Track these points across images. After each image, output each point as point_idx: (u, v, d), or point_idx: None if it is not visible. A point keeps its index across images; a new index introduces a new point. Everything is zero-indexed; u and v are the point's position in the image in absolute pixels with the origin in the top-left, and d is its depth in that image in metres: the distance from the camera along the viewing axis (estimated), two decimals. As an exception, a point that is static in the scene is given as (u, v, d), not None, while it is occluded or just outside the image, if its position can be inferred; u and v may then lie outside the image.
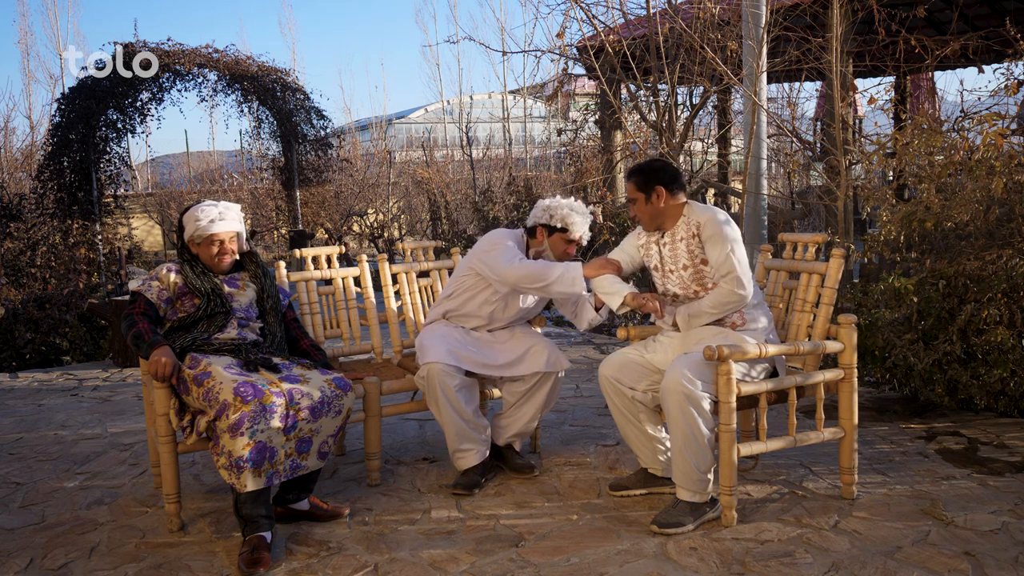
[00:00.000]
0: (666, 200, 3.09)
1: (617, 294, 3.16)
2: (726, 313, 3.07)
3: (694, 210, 3.10)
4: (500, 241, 3.46)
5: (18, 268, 7.45)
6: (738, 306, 3.05)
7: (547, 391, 3.55)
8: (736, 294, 3.01)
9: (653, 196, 3.09)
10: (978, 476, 3.33)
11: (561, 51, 7.75)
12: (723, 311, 3.06)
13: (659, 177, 3.09)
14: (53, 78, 19.04)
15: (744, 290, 3.01)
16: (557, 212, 3.46)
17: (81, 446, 4.17)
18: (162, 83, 9.61)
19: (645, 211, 3.13)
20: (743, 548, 2.76)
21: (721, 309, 3.05)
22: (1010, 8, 8.37)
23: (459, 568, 2.68)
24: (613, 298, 3.17)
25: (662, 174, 3.10)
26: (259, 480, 2.75)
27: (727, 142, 9.68)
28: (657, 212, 3.12)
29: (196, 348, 3.03)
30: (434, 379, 3.31)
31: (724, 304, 3.04)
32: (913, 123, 4.75)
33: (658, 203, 3.10)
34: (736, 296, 3.01)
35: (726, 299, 3.02)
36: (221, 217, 3.14)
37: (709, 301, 3.05)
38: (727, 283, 3.01)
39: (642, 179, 3.11)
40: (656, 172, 3.10)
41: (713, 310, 3.06)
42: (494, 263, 3.38)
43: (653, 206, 3.11)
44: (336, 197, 12.48)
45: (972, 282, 3.95)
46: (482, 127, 17.52)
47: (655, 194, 3.09)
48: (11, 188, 10.93)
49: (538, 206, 3.53)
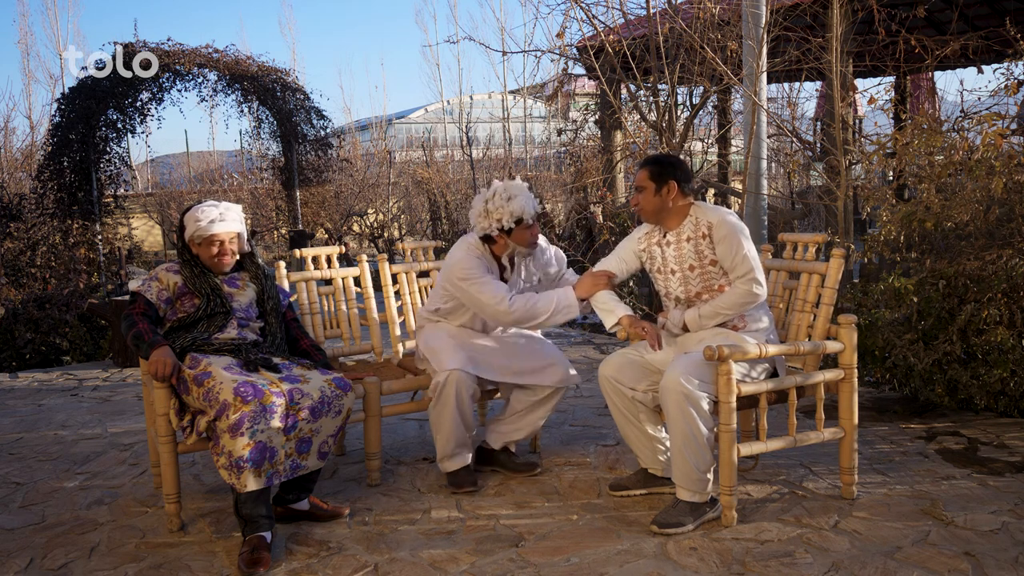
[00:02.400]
0: (675, 197, 3.09)
1: (613, 314, 3.19)
2: (741, 313, 3.07)
3: (703, 210, 3.09)
4: (470, 268, 3.32)
5: (18, 268, 7.45)
6: (752, 306, 3.06)
7: (556, 402, 3.56)
8: (753, 294, 3.01)
9: (664, 189, 3.08)
10: (978, 476, 3.33)
11: (561, 51, 7.75)
12: (739, 311, 3.06)
13: (674, 172, 3.08)
14: (53, 78, 19.06)
15: (762, 289, 3.01)
16: (500, 211, 3.29)
17: (81, 446, 4.17)
18: (162, 83, 9.61)
19: (651, 202, 3.10)
20: (743, 548, 2.76)
21: (737, 309, 3.05)
22: (1010, 8, 8.37)
23: (459, 568, 2.69)
24: (609, 316, 3.20)
25: (678, 170, 3.10)
26: (259, 480, 2.75)
27: (727, 142, 9.68)
28: (662, 206, 3.10)
29: (196, 348, 3.03)
30: (452, 387, 3.27)
31: (741, 304, 3.03)
32: (913, 123, 4.75)
33: (667, 198, 3.08)
34: (753, 296, 3.01)
35: (743, 299, 3.02)
36: (222, 218, 3.14)
37: (725, 301, 3.04)
38: (744, 283, 3.00)
39: (657, 169, 3.09)
40: (673, 167, 3.10)
41: (729, 310, 3.05)
42: (481, 303, 3.31)
43: (661, 199, 3.09)
44: (336, 197, 12.47)
45: (972, 282, 3.95)
46: (482, 127, 17.51)
47: (666, 188, 3.07)
48: (11, 188, 10.93)
49: (476, 212, 3.34)
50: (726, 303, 3.04)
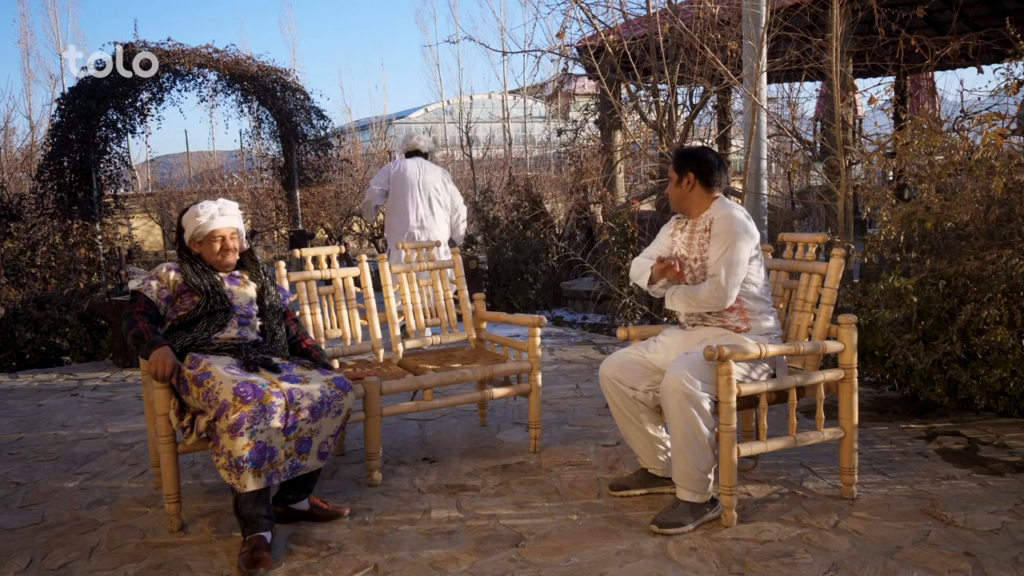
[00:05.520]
0: (695, 188, 3.14)
1: (644, 274, 3.22)
2: (698, 311, 3.11)
3: (716, 206, 3.12)
4: None
5: (18, 268, 7.44)
6: (711, 309, 3.08)
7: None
8: (713, 297, 3.03)
9: (684, 181, 3.15)
10: (978, 476, 3.33)
11: (561, 51, 7.75)
12: (700, 308, 3.10)
13: (694, 165, 3.14)
14: (53, 78, 19.01)
15: (722, 297, 3.02)
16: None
17: (81, 446, 4.17)
18: (162, 83, 9.59)
19: (674, 192, 3.20)
20: (743, 548, 2.75)
21: (700, 306, 3.09)
22: (1010, 8, 8.36)
23: (459, 568, 2.68)
24: (642, 279, 3.24)
25: (699, 163, 3.14)
26: (259, 480, 2.75)
27: (727, 142, 9.67)
28: (683, 196, 3.18)
29: (196, 348, 3.03)
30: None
31: (703, 302, 3.07)
32: (913, 123, 4.75)
33: (685, 188, 3.15)
34: (712, 300, 3.04)
35: (705, 299, 3.05)
36: (221, 213, 3.14)
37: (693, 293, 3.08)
38: (711, 283, 3.03)
39: (680, 161, 3.18)
40: (694, 159, 3.15)
41: (693, 302, 3.09)
42: None
43: (681, 190, 3.17)
44: (336, 197, 12.46)
45: (972, 282, 3.95)
46: (482, 127, 17.49)
47: (685, 179, 3.15)
48: (11, 188, 10.93)
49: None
50: (693, 295, 3.08)
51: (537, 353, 3.78)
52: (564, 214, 10.83)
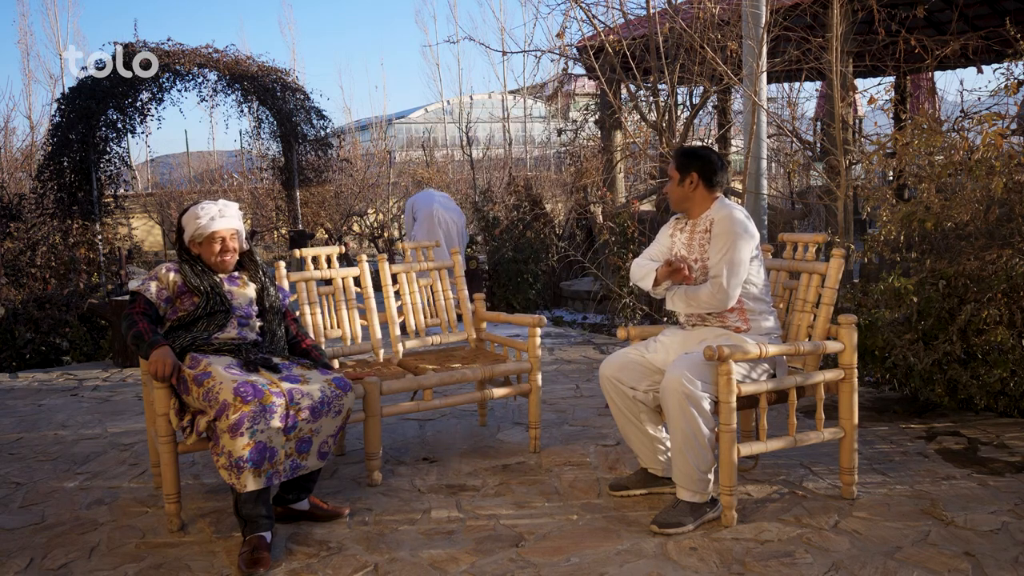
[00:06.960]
0: (698, 189, 3.13)
1: (647, 276, 3.20)
2: (699, 311, 3.11)
3: (716, 206, 3.12)
4: None
5: (18, 268, 7.45)
6: (713, 309, 3.08)
7: None
8: (715, 298, 3.03)
9: (687, 181, 3.14)
10: (978, 476, 3.33)
11: (561, 51, 7.75)
12: (702, 309, 3.09)
13: (698, 164, 3.13)
14: (53, 78, 19.02)
15: (724, 298, 3.02)
16: None
17: (81, 446, 4.17)
18: (162, 83, 9.60)
19: (675, 192, 3.18)
20: (743, 548, 2.75)
21: (701, 307, 3.08)
22: (1010, 8, 8.36)
23: (459, 568, 2.68)
24: (645, 281, 3.21)
25: (703, 163, 3.13)
26: (259, 480, 2.75)
27: (727, 142, 9.67)
28: (685, 196, 3.16)
29: (196, 348, 3.03)
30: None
31: (705, 303, 3.06)
32: (913, 123, 4.75)
33: (688, 188, 3.14)
34: (714, 301, 3.04)
35: (707, 299, 3.05)
36: (221, 214, 3.14)
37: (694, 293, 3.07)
38: (712, 284, 3.03)
39: (683, 161, 3.16)
40: (697, 159, 3.14)
41: (695, 303, 3.08)
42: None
43: (683, 189, 3.15)
44: (336, 197, 12.47)
45: (972, 282, 3.95)
46: (482, 127, 17.49)
47: (688, 179, 3.13)
48: (11, 188, 10.93)
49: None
50: (695, 296, 3.08)
51: (537, 353, 3.78)
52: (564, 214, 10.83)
